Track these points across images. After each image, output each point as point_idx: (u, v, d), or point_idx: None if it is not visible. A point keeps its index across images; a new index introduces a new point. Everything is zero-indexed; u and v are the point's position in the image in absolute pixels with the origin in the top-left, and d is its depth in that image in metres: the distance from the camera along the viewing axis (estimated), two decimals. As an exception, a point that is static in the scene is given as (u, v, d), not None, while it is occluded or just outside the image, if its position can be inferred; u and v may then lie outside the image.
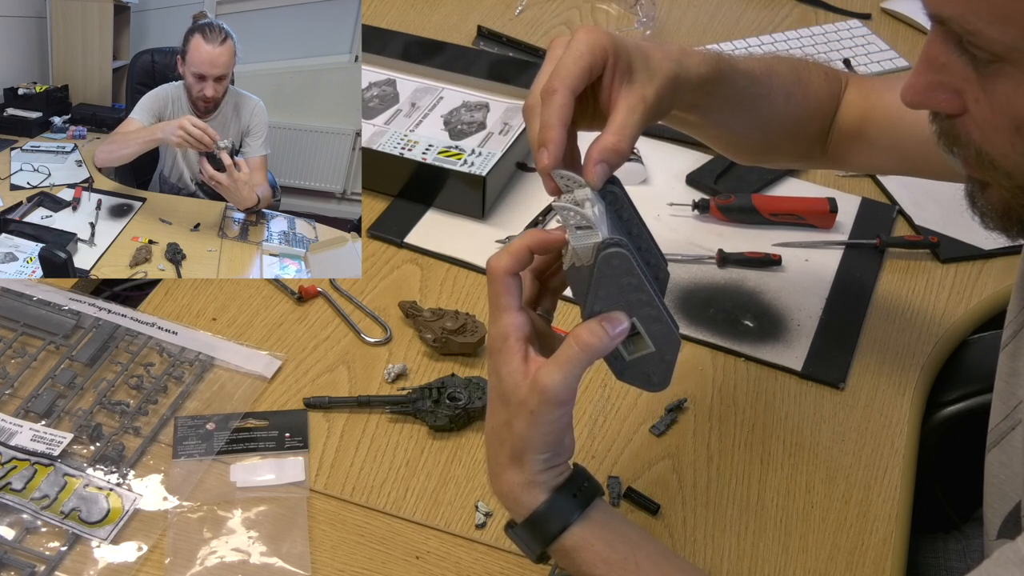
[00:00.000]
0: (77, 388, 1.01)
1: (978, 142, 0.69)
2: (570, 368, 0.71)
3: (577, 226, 0.71)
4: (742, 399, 1.06)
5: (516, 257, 0.73)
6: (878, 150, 1.03)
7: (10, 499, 0.90)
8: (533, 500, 0.74)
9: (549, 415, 0.71)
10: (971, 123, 0.69)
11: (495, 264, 0.73)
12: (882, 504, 0.98)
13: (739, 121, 0.94)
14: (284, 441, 0.97)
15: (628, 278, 0.72)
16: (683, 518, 0.95)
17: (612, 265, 0.71)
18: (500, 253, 0.73)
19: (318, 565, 0.88)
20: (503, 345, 0.72)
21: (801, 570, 0.92)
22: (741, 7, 1.70)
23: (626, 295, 0.72)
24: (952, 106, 0.69)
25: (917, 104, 0.71)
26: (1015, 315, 0.87)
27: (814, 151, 1.04)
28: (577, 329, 0.72)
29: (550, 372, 0.70)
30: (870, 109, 1.02)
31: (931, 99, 0.70)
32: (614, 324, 0.71)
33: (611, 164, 0.75)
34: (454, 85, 1.44)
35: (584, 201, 0.73)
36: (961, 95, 0.68)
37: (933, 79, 0.69)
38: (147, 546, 0.88)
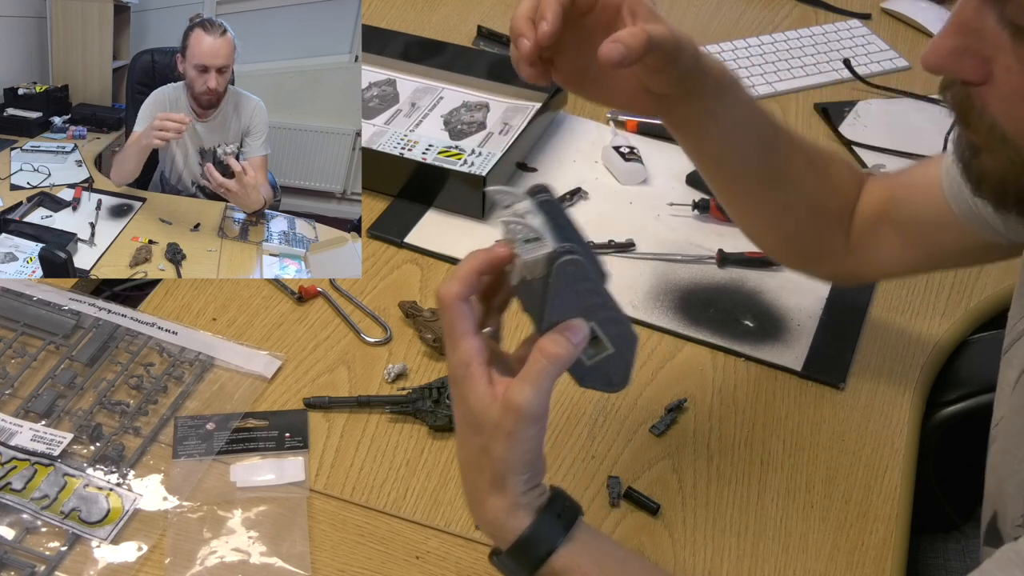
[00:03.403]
0: (77, 388, 1.01)
1: (995, 114, 0.66)
2: (540, 383, 0.69)
3: (525, 239, 0.71)
4: (742, 399, 1.06)
5: (466, 282, 0.71)
6: (903, 235, 0.99)
7: (10, 499, 0.90)
8: (519, 524, 0.71)
9: (526, 433, 0.70)
10: (992, 94, 0.66)
11: (446, 292, 0.70)
12: (882, 504, 0.98)
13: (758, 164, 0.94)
14: (284, 441, 0.97)
15: (584, 283, 0.71)
16: (683, 518, 0.95)
17: (567, 273, 0.70)
18: (449, 280, 0.70)
19: (318, 565, 0.88)
20: (466, 372, 0.70)
21: (801, 570, 0.92)
22: (741, 7, 1.70)
23: (583, 300, 0.72)
24: (976, 74, 0.66)
25: (939, 67, 0.68)
26: (1015, 322, 0.87)
27: (837, 238, 1.01)
28: (541, 342, 0.70)
29: (521, 390, 0.69)
30: (892, 189, 1.01)
31: (956, 63, 0.67)
32: (575, 332, 0.71)
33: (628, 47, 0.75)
34: (454, 85, 1.44)
35: (526, 213, 0.72)
36: (988, 63, 0.65)
37: (961, 43, 0.66)
38: (147, 546, 0.88)
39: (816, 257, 1.04)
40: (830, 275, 1.09)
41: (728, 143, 0.92)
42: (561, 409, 1.04)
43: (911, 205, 0.98)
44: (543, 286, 0.71)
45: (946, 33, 0.67)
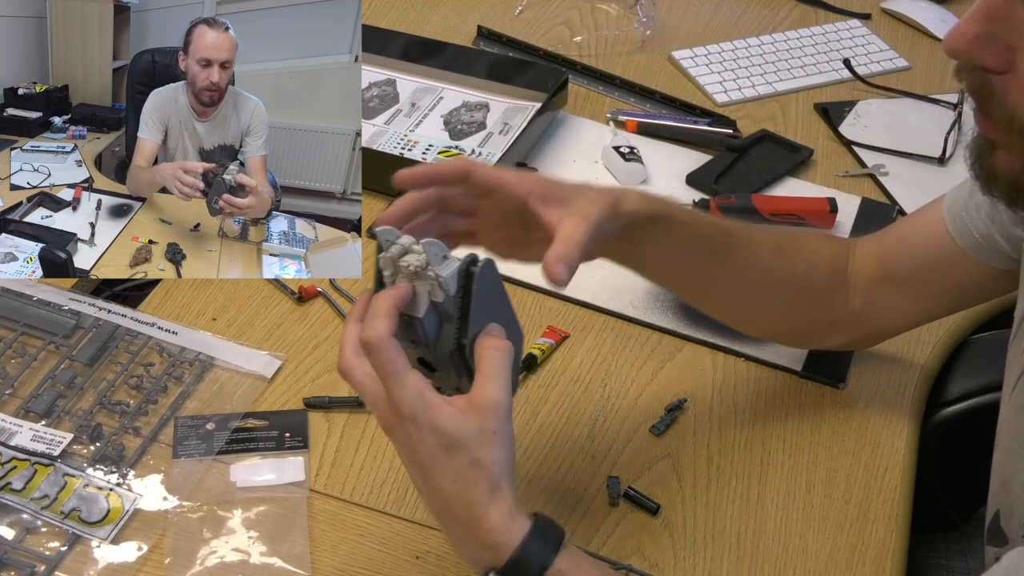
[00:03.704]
0: (77, 388, 1.01)
1: (1014, 105, 0.65)
2: (501, 376, 0.71)
3: (422, 266, 0.72)
4: (742, 399, 1.06)
5: (391, 318, 0.71)
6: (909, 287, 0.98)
7: (10, 499, 0.90)
8: (520, 528, 0.71)
9: (507, 428, 0.71)
10: (1014, 84, 0.65)
11: (376, 334, 0.69)
12: (882, 504, 0.98)
13: (720, 271, 0.93)
14: (284, 441, 0.97)
15: (498, 285, 0.75)
16: (683, 518, 0.95)
17: (485, 275, 0.73)
18: (373, 323, 0.70)
19: (318, 565, 0.88)
20: (424, 402, 0.70)
21: (801, 570, 0.92)
22: (741, 7, 1.70)
23: (494, 303, 0.75)
24: (999, 63, 0.65)
25: (962, 53, 0.66)
26: (1021, 319, 0.87)
27: (837, 310, 1.00)
28: (483, 341, 0.73)
29: (489, 388, 0.70)
30: (884, 246, 1.00)
31: (980, 51, 0.65)
32: (499, 328, 0.74)
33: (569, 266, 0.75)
34: (454, 85, 1.44)
35: (411, 246, 0.74)
36: (1013, 53, 0.64)
37: (988, 29, 0.64)
38: (147, 546, 0.88)
39: (823, 332, 1.03)
40: (847, 344, 1.07)
41: (674, 262, 0.91)
42: (561, 409, 1.04)
43: (913, 253, 0.98)
44: (460, 302, 0.73)
45: (972, 18, 0.65)
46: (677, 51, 1.57)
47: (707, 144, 1.39)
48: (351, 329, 0.74)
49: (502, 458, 0.71)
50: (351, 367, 0.73)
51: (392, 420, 0.71)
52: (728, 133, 1.40)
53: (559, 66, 1.48)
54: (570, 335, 1.11)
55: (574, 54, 1.55)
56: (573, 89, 1.44)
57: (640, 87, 1.49)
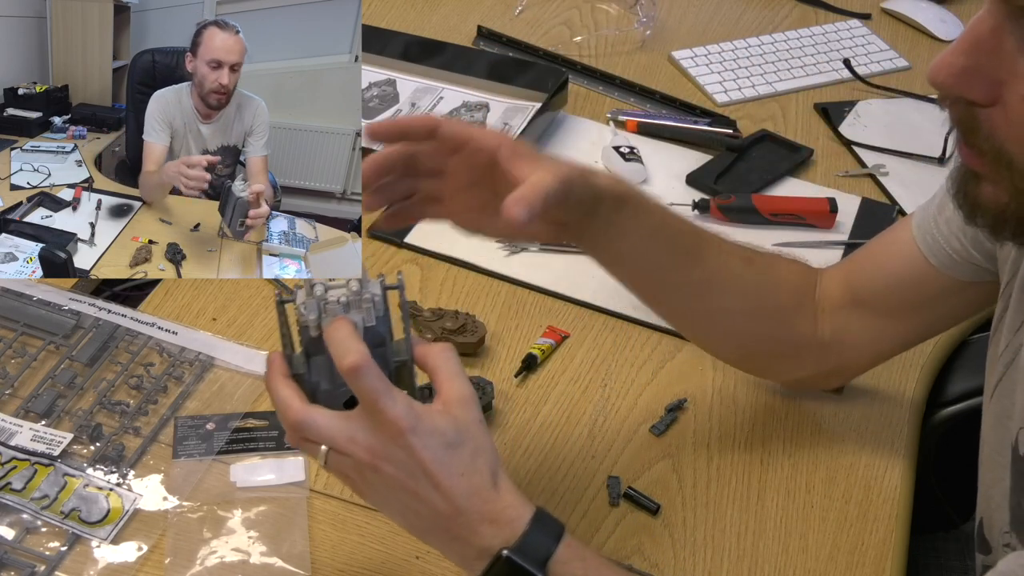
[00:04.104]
0: (77, 388, 1.01)
1: (1002, 139, 0.64)
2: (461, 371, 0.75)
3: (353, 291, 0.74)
4: (742, 399, 1.06)
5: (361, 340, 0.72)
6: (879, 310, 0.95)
7: (10, 499, 0.90)
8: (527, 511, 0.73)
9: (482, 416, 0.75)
10: (1000, 118, 0.63)
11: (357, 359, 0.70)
12: (882, 504, 0.98)
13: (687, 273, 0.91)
14: (284, 441, 0.97)
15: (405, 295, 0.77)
16: (683, 518, 0.95)
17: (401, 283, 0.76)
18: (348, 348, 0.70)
19: (318, 565, 0.88)
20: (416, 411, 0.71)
21: (801, 570, 0.92)
22: (741, 7, 1.70)
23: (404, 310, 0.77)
24: (986, 96, 0.63)
25: (949, 86, 0.64)
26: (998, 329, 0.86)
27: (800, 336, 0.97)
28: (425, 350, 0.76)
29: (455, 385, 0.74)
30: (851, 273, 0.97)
31: (966, 84, 0.63)
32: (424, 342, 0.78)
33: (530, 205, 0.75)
34: (454, 85, 1.44)
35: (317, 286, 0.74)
36: (999, 87, 0.62)
37: (975, 62, 0.63)
38: (147, 546, 0.88)
39: (787, 358, 1.00)
40: (814, 377, 1.02)
41: (643, 253, 0.89)
42: (561, 409, 1.04)
43: (882, 275, 0.95)
44: (386, 318, 0.75)
45: (958, 50, 0.63)
46: (677, 51, 1.57)
47: (707, 144, 1.39)
48: (283, 387, 0.74)
49: (492, 442, 0.74)
50: (309, 418, 0.72)
51: (382, 446, 0.71)
52: (728, 133, 1.40)
53: (559, 66, 1.48)
54: (570, 335, 1.11)
55: (574, 54, 1.55)
56: (573, 89, 1.44)
57: (640, 87, 1.49)
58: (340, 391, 0.75)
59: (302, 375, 0.75)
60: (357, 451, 0.72)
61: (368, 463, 0.72)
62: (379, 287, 0.75)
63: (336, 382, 0.74)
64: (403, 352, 0.76)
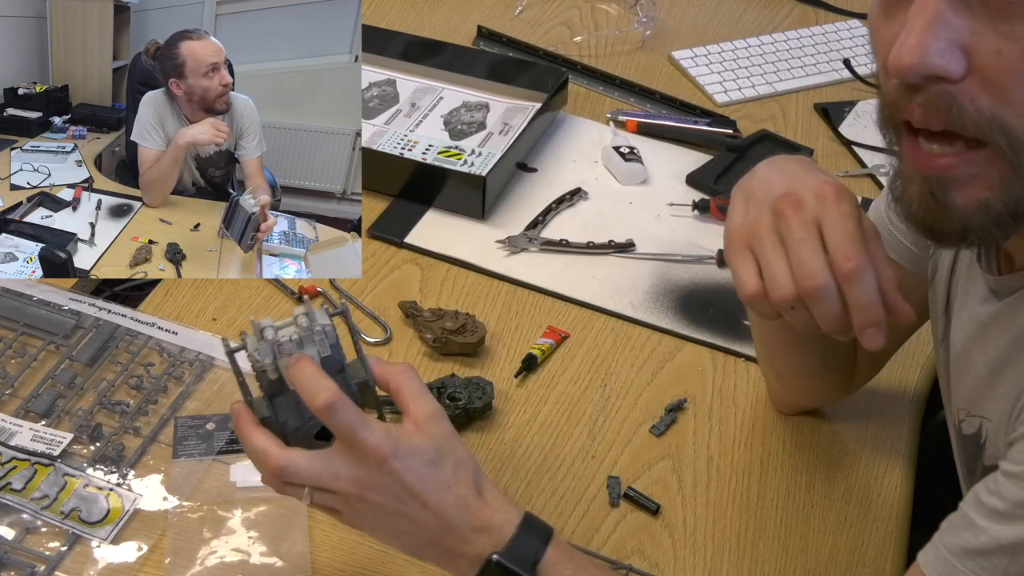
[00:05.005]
0: (77, 388, 1.01)
1: (989, 106, 0.62)
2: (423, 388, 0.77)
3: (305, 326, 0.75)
4: (742, 399, 1.06)
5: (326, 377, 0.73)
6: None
7: (10, 499, 0.90)
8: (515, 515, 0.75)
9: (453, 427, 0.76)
10: (979, 85, 0.62)
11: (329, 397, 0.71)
12: (882, 504, 0.98)
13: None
14: (284, 441, 0.97)
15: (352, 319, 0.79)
16: (683, 518, 0.95)
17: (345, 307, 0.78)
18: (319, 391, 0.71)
19: (318, 565, 0.88)
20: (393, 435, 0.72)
21: (801, 570, 0.92)
22: (741, 7, 1.70)
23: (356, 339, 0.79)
24: (962, 67, 0.62)
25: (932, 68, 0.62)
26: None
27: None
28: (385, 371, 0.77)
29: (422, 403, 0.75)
30: None
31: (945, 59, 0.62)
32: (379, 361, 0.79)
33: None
34: (454, 85, 1.44)
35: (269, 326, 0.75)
36: (968, 52, 0.61)
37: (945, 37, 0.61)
38: (147, 546, 0.88)
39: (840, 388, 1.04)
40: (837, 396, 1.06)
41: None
42: (561, 409, 1.04)
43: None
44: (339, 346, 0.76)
45: (928, 30, 0.61)
46: (677, 51, 1.57)
47: (707, 144, 1.39)
48: (257, 436, 0.75)
49: (470, 452, 0.76)
50: (291, 463, 0.73)
51: (367, 476, 0.72)
52: (728, 133, 1.40)
53: (559, 66, 1.48)
54: (570, 335, 1.11)
55: (574, 54, 1.55)
56: (573, 89, 1.44)
57: (640, 87, 1.49)
58: (309, 425, 0.76)
59: (269, 418, 0.76)
60: (343, 486, 0.73)
61: (356, 495, 0.73)
62: (326, 316, 0.76)
63: (304, 416, 0.75)
64: (360, 373, 0.77)
